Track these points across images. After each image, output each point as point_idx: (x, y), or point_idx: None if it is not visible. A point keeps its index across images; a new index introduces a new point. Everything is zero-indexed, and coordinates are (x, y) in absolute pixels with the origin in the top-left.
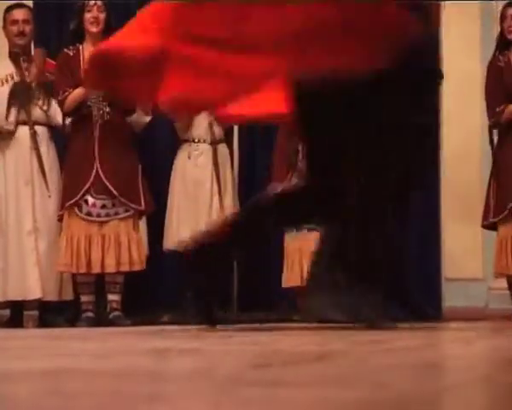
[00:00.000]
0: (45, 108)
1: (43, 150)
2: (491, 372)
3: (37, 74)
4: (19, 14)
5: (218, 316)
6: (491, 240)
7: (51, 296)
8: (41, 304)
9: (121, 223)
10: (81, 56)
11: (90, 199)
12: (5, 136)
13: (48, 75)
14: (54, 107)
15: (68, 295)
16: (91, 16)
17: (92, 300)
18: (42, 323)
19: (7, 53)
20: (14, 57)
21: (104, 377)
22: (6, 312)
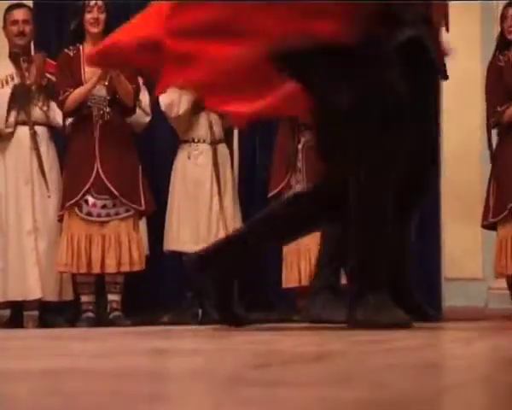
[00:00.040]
0: (45, 109)
1: (42, 150)
2: (491, 372)
3: (37, 77)
4: (19, 14)
5: (242, 316)
6: (490, 240)
7: (51, 297)
8: (41, 304)
9: (122, 223)
10: (81, 57)
11: (91, 199)
12: (5, 136)
13: (48, 76)
14: (54, 108)
15: (68, 295)
16: (91, 17)
17: (92, 300)
18: (42, 323)
19: (7, 53)
20: (14, 57)
21: (104, 377)
22: (6, 312)
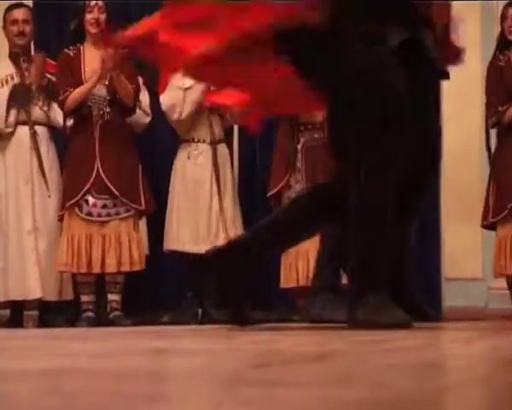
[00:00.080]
0: (45, 109)
1: (43, 150)
2: (491, 372)
3: (37, 77)
4: (19, 14)
5: (250, 316)
6: (490, 240)
7: (51, 296)
8: (41, 304)
9: (122, 223)
10: (82, 57)
11: (91, 199)
12: (5, 136)
13: (48, 76)
14: (55, 108)
15: (68, 295)
16: (92, 17)
17: (92, 300)
18: (42, 323)
19: (7, 53)
20: (14, 57)
21: (104, 377)
22: (6, 312)
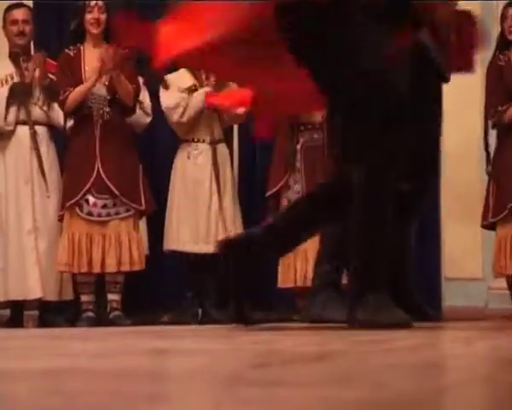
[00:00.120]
0: (45, 109)
1: (43, 150)
2: (491, 372)
3: (39, 77)
4: (18, 13)
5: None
6: (490, 240)
7: (51, 296)
8: (41, 304)
9: (122, 223)
10: (82, 57)
11: (91, 199)
12: (5, 135)
13: (50, 76)
14: (56, 108)
15: (68, 294)
16: (92, 17)
17: (92, 300)
18: (42, 323)
19: (7, 53)
20: (14, 57)
21: (104, 377)
22: (6, 312)
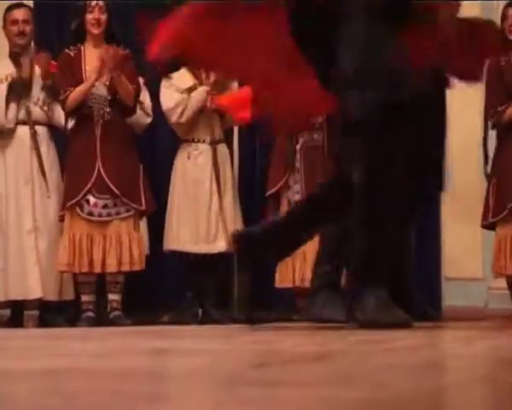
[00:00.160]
0: (46, 109)
1: (43, 150)
2: (491, 372)
3: (42, 77)
4: (19, 13)
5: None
6: (490, 240)
7: (52, 296)
8: (41, 304)
9: (122, 223)
10: (82, 57)
11: (92, 199)
12: (5, 135)
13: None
14: (56, 108)
15: (69, 294)
16: (93, 17)
17: (93, 299)
18: (42, 323)
19: (7, 53)
20: (14, 57)
21: (104, 377)
22: (6, 311)
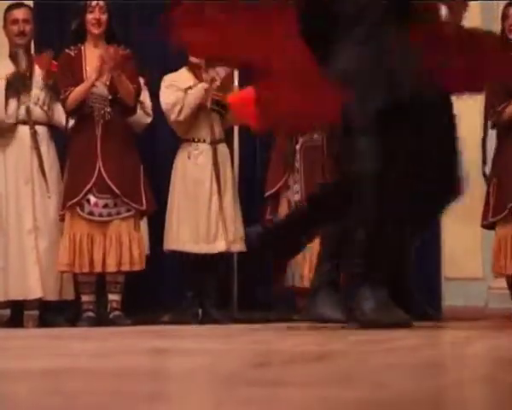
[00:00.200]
0: (46, 109)
1: (43, 150)
2: (491, 372)
3: (44, 77)
4: (19, 13)
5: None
6: (490, 240)
7: (52, 296)
8: (41, 304)
9: (123, 223)
10: (83, 57)
11: (93, 198)
12: (6, 135)
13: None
14: (57, 108)
15: (69, 294)
16: (93, 17)
17: (93, 299)
18: (42, 323)
19: (7, 53)
20: (14, 57)
21: (104, 376)
22: (6, 311)
